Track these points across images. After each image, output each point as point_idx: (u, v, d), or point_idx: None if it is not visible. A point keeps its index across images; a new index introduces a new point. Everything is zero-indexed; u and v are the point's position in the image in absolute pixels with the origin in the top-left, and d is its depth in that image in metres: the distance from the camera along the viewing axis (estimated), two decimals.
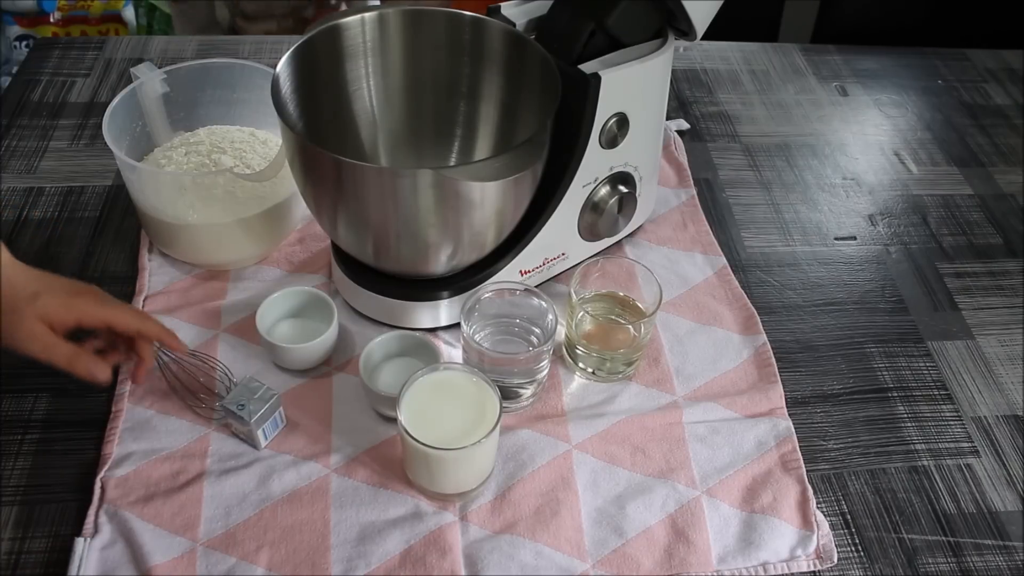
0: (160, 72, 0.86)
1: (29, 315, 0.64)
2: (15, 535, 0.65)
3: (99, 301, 0.68)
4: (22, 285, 0.65)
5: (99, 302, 0.68)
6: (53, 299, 0.65)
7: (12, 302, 0.64)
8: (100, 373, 0.66)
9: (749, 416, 0.75)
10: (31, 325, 0.65)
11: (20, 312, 0.64)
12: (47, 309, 0.65)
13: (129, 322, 0.68)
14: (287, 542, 0.65)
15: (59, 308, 0.66)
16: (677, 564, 0.65)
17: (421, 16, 0.78)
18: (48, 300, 0.65)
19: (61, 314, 0.66)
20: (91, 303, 0.67)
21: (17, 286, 0.65)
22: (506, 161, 0.67)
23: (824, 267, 0.91)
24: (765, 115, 1.11)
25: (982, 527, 0.70)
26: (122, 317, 0.68)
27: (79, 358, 0.66)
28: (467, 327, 0.72)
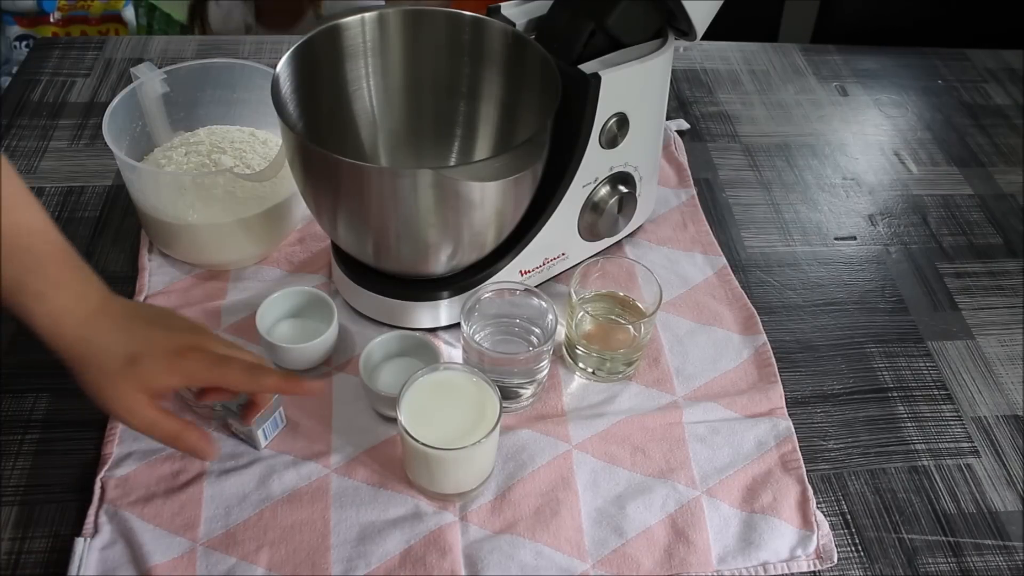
0: (160, 72, 0.86)
1: (126, 386, 0.56)
2: (15, 535, 0.65)
3: (209, 362, 0.59)
4: (118, 347, 0.57)
5: (209, 363, 0.59)
6: (156, 364, 0.57)
7: (106, 370, 0.56)
8: (208, 450, 0.60)
9: (749, 416, 0.75)
10: (129, 398, 0.57)
11: (114, 382, 0.56)
12: (149, 377, 0.57)
13: (242, 384, 0.60)
14: (287, 542, 0.65)
15: (163, 375, 0.57)
16: (677, 564, 0.65)
17: (421, 16, 0.78)
18: (150, 366, 0.57)
19: (163, 381, 0.58)
20: (200, 365, 0.58)
21: (111, 350, 0.57)
22: (506, 161, 0.67)
23: (824, 267, 0.91)
24: (765, 115, 1.11)
25: (982, 527, 0.70)
26: (235, 379, 0.59)
27: (184, 435, 0.59)
28: (467, 327, 0.72)
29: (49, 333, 0.56)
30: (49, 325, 0.56)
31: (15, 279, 0.55)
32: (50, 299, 0.56)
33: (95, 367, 0.57)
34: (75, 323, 0.57)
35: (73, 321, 0.57)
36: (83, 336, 0.57)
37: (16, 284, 0.55)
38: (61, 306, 0.56)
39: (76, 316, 0.57)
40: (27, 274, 0.55)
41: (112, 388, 0.57)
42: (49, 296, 0.56)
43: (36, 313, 0.56)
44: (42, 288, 0.56)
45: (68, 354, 0.57)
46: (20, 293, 0.55)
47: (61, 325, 0.56)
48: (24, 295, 0.55)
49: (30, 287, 0.55)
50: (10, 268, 0.55)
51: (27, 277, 0.55)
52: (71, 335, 0.57)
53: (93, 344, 0.57)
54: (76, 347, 0.57)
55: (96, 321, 0.57)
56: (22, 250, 0.56)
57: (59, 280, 0.57)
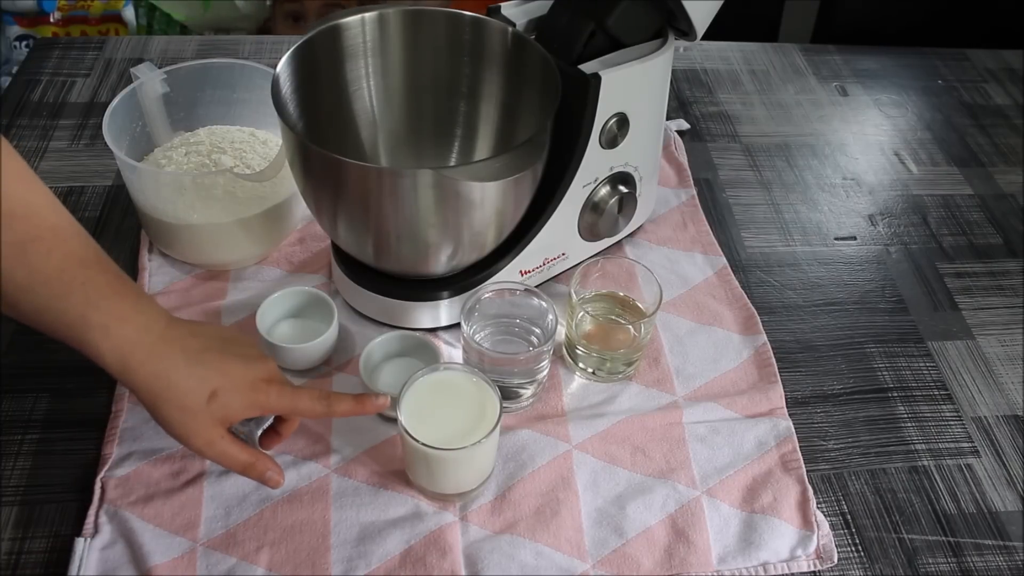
0: (160, 72, 0.86)
1: (206, 420, 0.57)
2: (15, 535, 0.65)
3: (283, 393, 0.60)
4: (197, 383, 0.57)
5: (283, 395, 0.60)
6: (234, 399, 0.58)
7: (185, 406, 0.56)
8: (279, 480, 0.62)
9: (749, 416, 0.75)
10: (209, 432, 0.57)
11: (195, 416, 0.57)
12: (227, 412, 0.58)
13: (316, 412, 0.61)
14: (287, 542, 0.65)
15: (241, 409, 0.58)
16: (677, 564, 0.65)
17: (421, 16, 0.78)
18: (228, 400, 0.57)
19: (242, 414, 0.59)
20: (276, 397, 0.59)
21: (190, 386, 0.56)
22: (506, 161, 0.67)
23: (824, 267, 0.91)
24: (765, 115, 1.11)
25: (982, 527, 0.70)
26: (309, 407, 0.61)
27: (257, 466, 0.60)
28: (467, 327, 0.72)
29: (119, 368, 0.55)
30: (118, 360, 0.55)
31: (77, 315, 0.54)
32: (115, 333, 0.55)
33: (174, 404, 0.56)
34: (144, 356, 0.55)
35: (142, 354, 0.55)
36: (156, 371, 0.56)
37: (79, 320, 0.54)
38: (128, 339, 0.55)
39: (144, 348, 0.56)
40: (89, 309, 0.54)
41: (193, 423, 0.57)
42: (114, 330, 0.55)
43: (103, 349, 0.54)
44: (105, 322, 0.54)
45: (142, 389, 0.56)
46: (83, 329, 0.54)
47: (130, 359, 0.55)
48: (88, 331, 0.54)
49: (93, 322, 0.54)
50: (71, 305, 0.54)
51: (89, 312, 0.54)
52: (143, 370, 0.55)
53: (170, 380, 0.56)
54: (150, 383, 0.56)
55: (167, 353, 0.56)
56: (80, 284, 0.54)
57: (122, 313, 0.55)
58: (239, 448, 0.60)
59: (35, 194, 0.54)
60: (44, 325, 0.55)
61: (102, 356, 0.55)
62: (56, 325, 0.54)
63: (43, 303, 0.53)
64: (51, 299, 0.53)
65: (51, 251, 0.54)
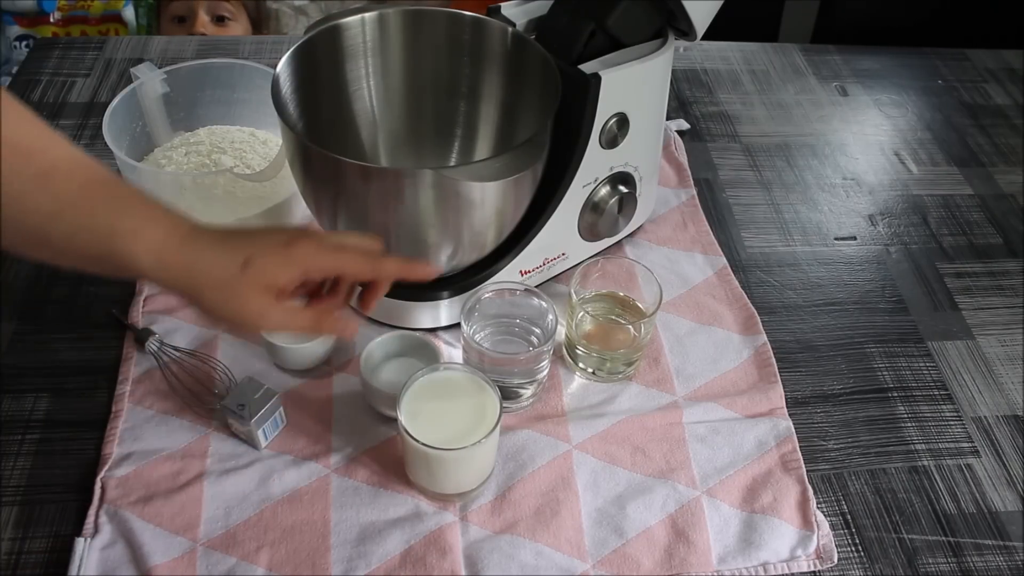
0: (160, 72, 0.86)
1: (247, 290, 0.55)
2: (15, 535, 0.65)
3: (323, 248, 0.58)
4: (226, 257, 0.55)
5: (323, 249, 0.58)
6: (269, 260, 0.55)
7: (222, 281, 0.55)
8: (352, 327, 0.60)
9: (749, 416, 0.75)
10: (255, 302, 0.55)
11: (235, 289, 0.55)
12: (265, 276, 0.55)
13: (363, 270, 0.59)
14: (287, 542, 0.65)
15: (278, 269, 0.56)
16: (677, 564, 0.65)
17: (421, 16, 0.78)
18: (263, 264, 0.55)
19: (282, 275, 0.56)
20: (315, 252, 0.57)
21: (220, 262, 0.55)
22: (506, 161, 0.67)
23: (824, 267, 0.91)
24: (765, 115, 1.11)
25: (982, 527, 0.70)
26: (354, 265, 0.59)
27: (325, 321, 0.58)
28: (467, 327, 0.72)
29: (154, 267, 0.55)
30: (153, 261, 0.55)
31: (107, 227, 0.54)
32: (146, 234, 0.55)
33: (209, 285, 0.55)
34: (176, 249, 0.55)
35: (174, 248, 0.55)
36: (188, 261, 0.55)
37: (108, 232, 0.54)
38: (159, 238, 0.55)
39: (175, 242, 0.55)
40: (117, 218, 0.54)
41: (235, 298, 0.55)
42: (144, 232, 0.55)
43: (136, 253, 0.54)
44: (135, 226, 0.55)
45: (180, 283, 0.55)
46: (113, 239, 0.54)
47: (164, 256, 0.55)
48: (118, 239, 0.54)
49: (123, 228, 0.54)
50: (100, 219, 0.54)
51: (118, 221, 0.54)
52: (176, 263, 0.55)
53: (201, 264, 0.55)
54: (185, 274, 0.55)
55: (195, 243, 0.55)
56: (104, 199, 0.55)
57: (149, 215, 0.56)
58: (299, 310, 0.58)
59: (46, 131, 0.55)
60: (76, 250, 0.55)
61: (137, 259, 0.55)
62: (89, 246, 0.54)
63: (72, 226, 0.54)
64: (79, 219, 0.54)
65: (72, 175, 0.54)
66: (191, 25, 1.46)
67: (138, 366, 0.75)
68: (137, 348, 0.76)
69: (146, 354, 0.76)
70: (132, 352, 0.76)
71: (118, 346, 0.77)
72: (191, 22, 1.46)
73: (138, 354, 0.76)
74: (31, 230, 0.53)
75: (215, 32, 1.46)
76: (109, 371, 0.75)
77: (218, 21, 1.47)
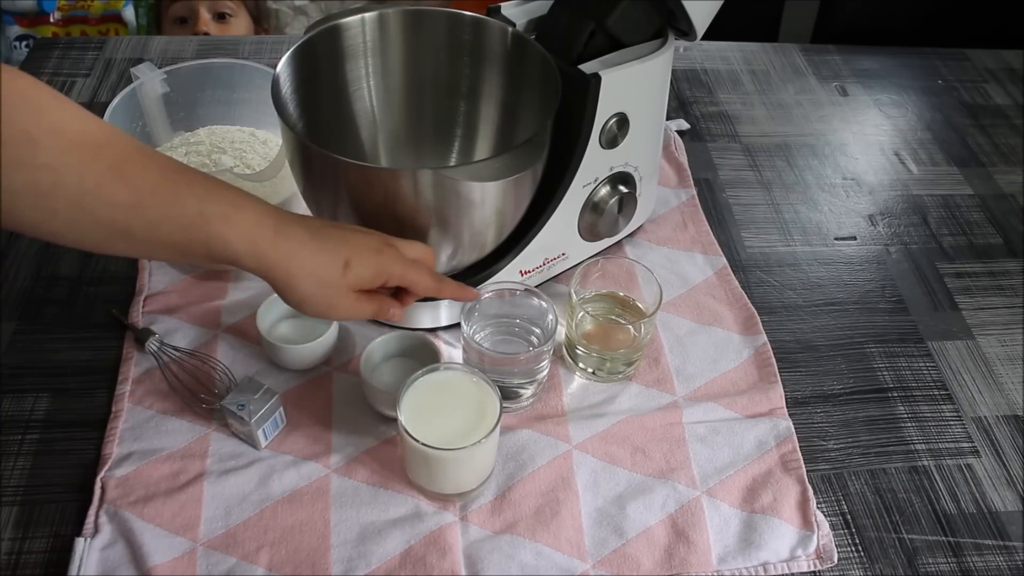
0: (160, 72, 0.86)
1: (345, 290, 0.61)
2: (15, 535, 0.65)
3: (403, 262, 0.63)
4: (332, 256, 0.60)
5: (403, 263, 0.63)
6: (363, 265, 0.61)
7: (323, 280, 0.60)
8: (399, 313, 0.65)
9: (749, 416, 0.75)
10: (350, 300, 0.61)
11: (335, 288, 0.60)
12: (361, 280, 0.61)
13: (429, 288, 0.65)
14: (287, 542, 0.65)
15: (369, 275, 0.61)
16: (677, 564, 0.65)
17: (421, 16, 0.78)
18: (360, 269, 0.60)
19: (372, 281, 0.62)
20: (395, 263, 0.63)
21: (326, 259, 0.60)
22: (506, 161, 0.67)
23: (824, 267, 0.91)
24: (765, 115, 1.11)
25: (982, 527, 0.70)
26: (424, 283, 0.64)
27: (383, 309, 0.64)
28: (467, 327, 0.72)
29: (249, 252, 0.56)
30: (248, 245, 0.56)
31: (194, 214, 0.55)
32: (237, 220, 0.56)
33: (314, 279, 0.59)
34: (270, 239, 0.57)
35: (268, 238, 0.57)
36: (286, 254, 0.58)
37: (197, 218, 0.55)
38: (251, 223, 0.57)
39: (268, 230, 0.57)
40: (204, 204, 0.55)
41: (336, 296, 0.60)
42: (234, 217, 0.56)
43: (230, 239, 0.55)
44: (224, 211, 0.56)
45: (276, 269, 0.58)
46: (205, 226, 0.55)
47: (260, 242, 0.57)
48: (210, 225, 0.55)
49: (212, 214, 0.55)
50: (185, 207, 0.54)
51: (205, 207, 0.55)
52: (275, 252, 0.57)
53: (300, 259, 0.58)
54: (283, 265, 0.58)
55: (290, 236, 0.58)
56: (186, 185, 0.55)
57: (236, 201, 0.57)
58: (366, 299, 0.62)
59: (106, 125, 0.55)
60: (161, 239, 0.55)
61: (230, 245, 0.56)
62: (174, 234, 0.55)
63: (156, 215, 0.54)
64: (162, 208, 0.54)
65: (145, 165, 0.54)
66: (193, 25, 1.46)
67: (138, 366, 0.75)
68: (137, 348, 0.76)
69: (146, 354, 0.76)
70: (132, 352, 0.76)
71: (118, 346, 0.77)
72: (193, 22, 1.46)
73: (138, 354, 0.76)
74: (111, 224, 0.53)
75: (217, 30, 1.46)
76: (109, 371, 0.75)
77: (219, 18, 1.47)
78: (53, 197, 0.51)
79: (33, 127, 0.50)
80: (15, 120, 0.49)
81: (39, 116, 0.50)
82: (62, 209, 0.52)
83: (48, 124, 0.51)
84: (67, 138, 0.51)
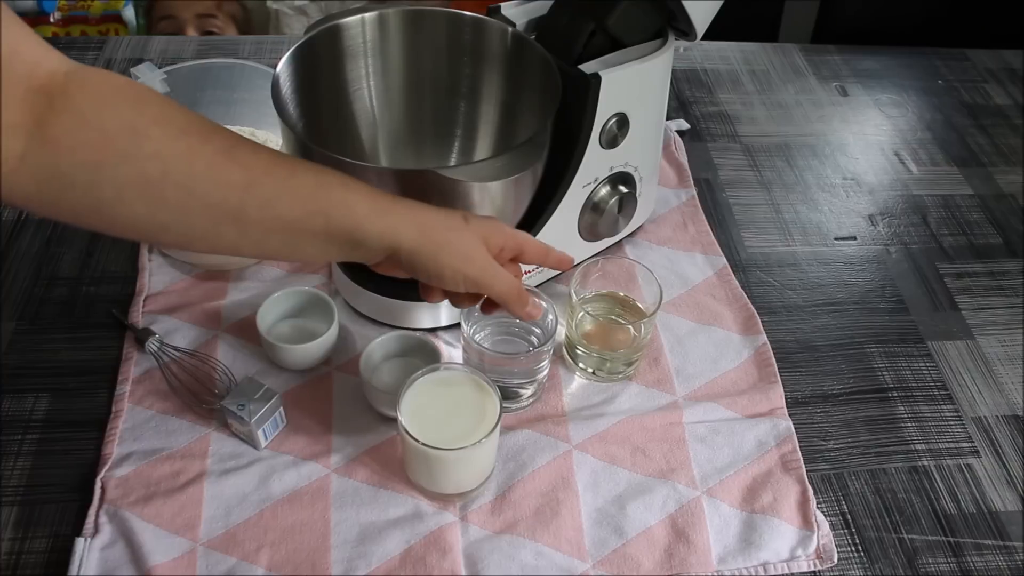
0: (160, 72, 0.86)
1: (474, 238, 0.57)
2: (15, 535, 0.65)
3: (533, 240, 0.61)
4: (445, 213, 0.57)
5: (504, 227, 0.60)
6: (480, 222, 0.58)
7: (452, 228, 0.57)
8: (538, 311, 0.62)
9: (749, 416, 0.75)
10: (481, 251, 0.57)
11: (465, 235, 0.57)
12: (482, 230, 0.57)
13: (539, 252, 0.62)
14: (287, 542, 0.65)
15: (500, 235, 0.58)
16: (677, 564, 0.65)
17: (421, 16, 0.78)
18: (477, 222, 0.58)
19: (502, 240, 0.58)
20: (501, 226, 0.59)
21: (442, 214, 0.57)
22: (506, 161, 0.67)
23: (824, 267, 0.91)
24: (765, 115, 1.11)
25: (982, 527, 0.70)
26: (534, 246, 0.61)
27: (524, 293, 0.60)
28: (467, 327, 0.72)
29: (372, 213, 0.55)
30: (368, 206, 0.55)
31: (314, 184, 0.55)
32: (356, 186, 0.56)
33: (440, 229, 0.57)
34: (390, 199, 0.56)
35: (387, 198, 0.56)
36: (408, 210, 0.57)
37: (317, 189, 0.55)
38: (366, 189, 0.56)
39: (383, 196, 0.56)
40: (322, 175, 0.55)
41: (466, 242, 0.57)
42: (353, 184, 0.56)
43: (351, 201, 0.55)
44: (343, 179, 0.56)
45: (400, 228, 0.56)
46: (325, 194, 0.55)
47: (380, 203, 0.56)
48: (331, 192, 0.55)
49: (330, 182, 0.55)
50: (304, 176, 0.54)
51: (323, 176, 0.55)
52: (396, 210, 0.56)
53: (422, 214, 0.57)
54: (409, 219, 0.56)
55: (401, 200, 0.57)
56: (302, 162, 0.56)
57: (343, 175, 0.57)
58: (505, 271, 0.60)
59: (212, 121, 0.55)
60: (276, 217, 0.54)
61: (354, 206, 0.55)
62: (292, 209, 0.54)
63: (270, 191, 0.53)
64: (278, 183, 0.54)
65: (256, 149, 0.54)
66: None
67: (138, 366, 0.75)
68: (137, 348, 0.76)
69: (146, 354, 0.76)
70: (132, 352, 0.76)
71: (118, 346, 0.77)
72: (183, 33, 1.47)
73: (138, 354, 0.76)
74: (222, 206, 0.52)
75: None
76: (109, 371, 0.75)
77: (207, 35, 1.49)
78: (162, 185, 0.50)
79: (137, 119, 0.50)
80: (119, 115, 0.49)
81: (142, 108, 0.51)
82: (172, 196, 0.51)
83: (152, 115, 0.51)
84: (175, 127, 0.51)
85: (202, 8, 1.47)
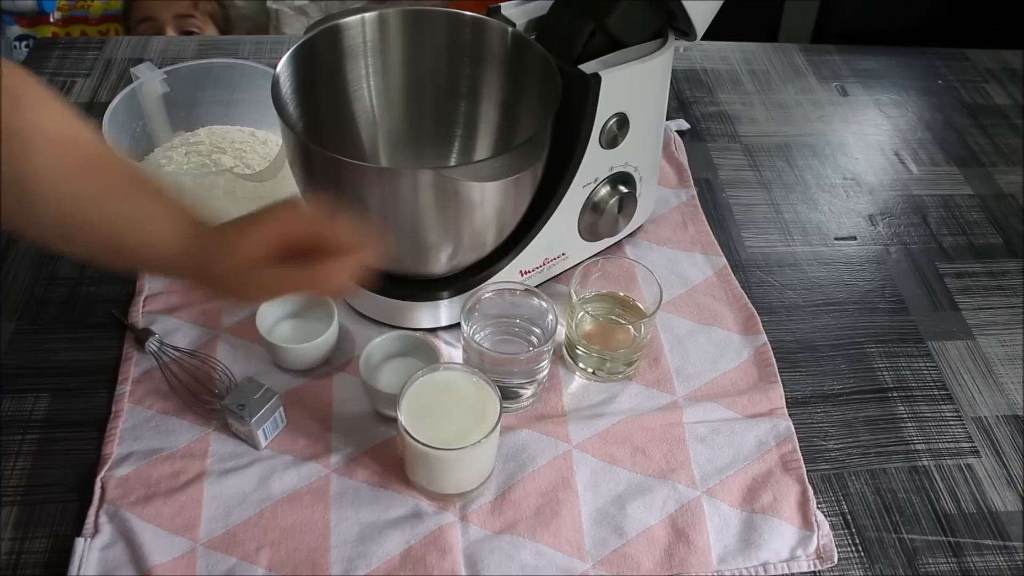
0: (160, 72, 0.86)
1: (232, 270, 0.54)
2: (15, 535, 0.65)
3: (301, 218, 0.56)
4: (203, 245, 0.56)
5: (294, 213, 0.56)
6: (243, 237, 0.55)
7: (210, 264, 0.55)
8: (348, 284, 0.55)
9: (749, 416, 0.75)
10: (246, 277, 0.54)
11: (217, 263, 0.55)
12: (247, 252, 0.54)
13: (345, 243, 0.55)
14: (287, 542, 0.65)
15: (254, 245, 0.54)
16: (677, 564, 0.65)
17: (421, 16, 0.78)
18: (245, 228, 0.55)
19: (261, 248, 0.54)
20: (283, 215, 0.55)
21: (209, 248, 0.55)
22: (506, 161, 0.67)
23: (824, 267, 0.91)
24: (765, 115, 1.11)
25: (982, 527, 0.70)
26: (334, 233, 0.55)
27: (315, 279, 0.54)
28: (467, 327, 0.72)
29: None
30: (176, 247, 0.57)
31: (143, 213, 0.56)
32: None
33: (220, 280, 0.56)
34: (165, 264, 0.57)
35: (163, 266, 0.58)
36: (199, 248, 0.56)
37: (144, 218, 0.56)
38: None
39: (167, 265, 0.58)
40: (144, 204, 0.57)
41: (239, 276, 0.55)
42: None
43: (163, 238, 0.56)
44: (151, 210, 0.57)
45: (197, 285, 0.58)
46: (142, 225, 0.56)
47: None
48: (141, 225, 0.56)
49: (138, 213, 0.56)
50: (137, 204, 0.56)
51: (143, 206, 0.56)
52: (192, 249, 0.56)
53: (194, 266, 0.56)
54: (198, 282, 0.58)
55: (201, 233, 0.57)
56: (137, 188, 0.57)
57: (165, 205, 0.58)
58: (284, 274, 0.55)
59: (89, 125, 0.56)
60: (114, 237, 0.55)
61: (164, 245, 0.56)
62: (124, 233, 0.55)
63: (112, 213, 0.55)
64: (118, 204, 0.55)
65: (115, 164, 0.56)
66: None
67: (138, 366, 0.75)
68: (137, 348, 0.76)
69: (146, 354, 0.76)
70: (132, 352, 0.76)
71: (118, 346, 0.77)
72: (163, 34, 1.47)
73: (138, 354, 0.76)
74: (69, 216, 0.54)
75: None
76: (109, 371, 0.75)
77: (186, 35, 1.49)
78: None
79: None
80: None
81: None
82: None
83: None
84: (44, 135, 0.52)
85: (180, 8, 1.47)
